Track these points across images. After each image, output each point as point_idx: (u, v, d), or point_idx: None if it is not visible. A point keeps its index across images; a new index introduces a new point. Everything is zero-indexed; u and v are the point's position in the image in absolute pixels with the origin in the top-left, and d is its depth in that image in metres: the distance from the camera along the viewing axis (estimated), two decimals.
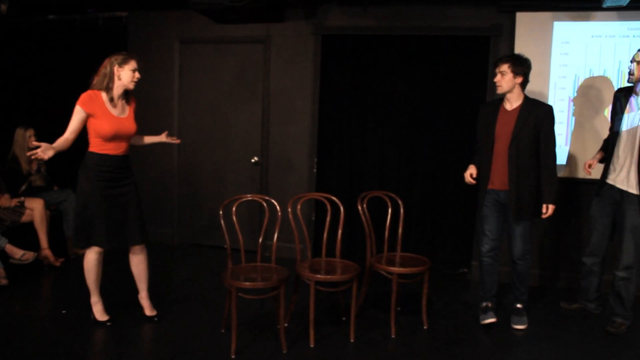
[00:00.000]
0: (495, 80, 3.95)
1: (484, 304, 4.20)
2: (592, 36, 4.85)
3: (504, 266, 4.50)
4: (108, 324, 3.90)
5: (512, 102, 3.96)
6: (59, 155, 3.68)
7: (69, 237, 5.48)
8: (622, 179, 4.05)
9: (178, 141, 4.27)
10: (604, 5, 4.30)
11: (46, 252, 5.19)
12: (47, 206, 5.31)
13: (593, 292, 4.44)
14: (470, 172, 4.14)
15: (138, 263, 4.01)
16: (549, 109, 3.94)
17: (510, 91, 3.93)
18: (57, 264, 5.19)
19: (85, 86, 3.75)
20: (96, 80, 3.72)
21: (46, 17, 6.33)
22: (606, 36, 4.83)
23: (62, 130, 3.87)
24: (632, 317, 4.15)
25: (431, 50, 5.34)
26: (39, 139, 5.49)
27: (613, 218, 4.20)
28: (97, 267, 3.86)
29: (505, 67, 3.88)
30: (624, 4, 4.21)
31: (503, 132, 3.95)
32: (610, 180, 4.13)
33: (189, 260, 5.73)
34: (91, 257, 3.82)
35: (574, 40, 4.89)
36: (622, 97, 4.10)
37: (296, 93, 5.72)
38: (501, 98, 4.04)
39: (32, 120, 5.70)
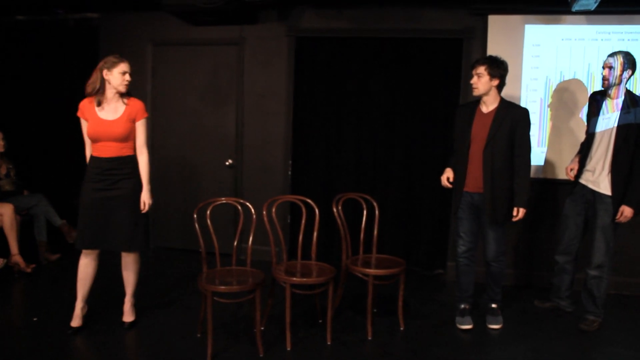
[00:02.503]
0: (472, 82, 3.97)
1: (462, 305, 4.24)
2: (562, 39, 4.94)
3: (480, 266, 4.54)
4: (69, 331, 3.82)
5: (488, 105, 3.99)
6: (29, 159, 3.63)
7: (40, 242, 5.39)
8: (594, 180, 4.12)
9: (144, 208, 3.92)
10: (573, 10, 4.37)
11: (17, 258, 5.09)
12: (17, 211, 5.20)
13: (565, 290, 4.51)
14: (447, 175, 4.17)
15: (124, 268, 3.99)
16: (525, 112, 3.97)
17: (486, 94, 3.95)
18: (28, 270, 5.09)
19: (54, 88, 3.71)
20: (89, 85, 3.73)
21: (14, 18, 6.21)
22: (576, 39, 4.92)
23: (29, 132, 3.82)
24: (604, 314, 4.23)
25: (405, 52, 5.38)
26: (8, 142, 5.42)
27: (585, 217, 4.28)
28: (84, 270, 3.85)
29: (482, 69, 3.89)
30: (592, 9, 4.30)
31: (479, 135, 3.97)
32: (583, 180, 4.21)
33: (164, 264, 5.67)
34: (81, 259, 3.84)
35: (545, 43, 4.97)
36: (597, 100, 4.18)
37: (271, 95, 5.70)
38: (478, 100, 4.06)
39: (1, 123, 5.58)
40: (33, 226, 5.43)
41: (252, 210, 3.94)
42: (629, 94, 4.04)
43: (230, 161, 5.87)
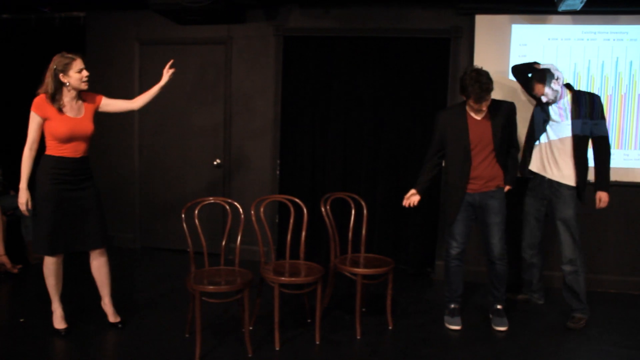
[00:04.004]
0: (484, 109, 3.91)
1: (452, 305, 4.24)
2: (549, 39, 4.97)
3: (470, 266, 4.57)
4: (62, 333, 3.79)
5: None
6: (16, 159, 3.60)
7: (28, 242, 5.35)
8: (552, 172, 4.25)
9: (171, 70, 4.13)
10: (559, 9, 4.40)
11: (3, 258, 5.04)
12: (4, 211, 5.16)
13: (536, 282, 4.65)
14: (414, 199, 4.16)
15: (98, 267, 3.92)
16: (513, 106, 4.05)
17: None
18: (15, 270, 5.05)
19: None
20: (43, 88, 3.62)
21: None
22: (562, 39, 4.95)
23: (14, 133, 3.78)
24: (589, 310, 4.26)
25: (392, 51, 5.39)
26: None
27: (545, 211, 4.40)
28: (56, 273, 3.76)
29: (490, 96, 3.86)
30: (578, 9, 4.33)
31: (480, 138, 3.96)
32: (547, 174, 4.30)
33: (151, 264, 5.65)
34: (49, 262, 3.72)
35: (532, 43, 5.00)
36: (547, 105, 4.26)
37: (258, 94, 5.69)
38: (460, 103, 4.06)
39: None
40: (20, 226, 5.39)
41: (240, 209, 3.93)
42: (570, 91, 4.21)
43: (218, 161, 5.86)
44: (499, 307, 4.22)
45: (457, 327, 4.14)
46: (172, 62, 4.13)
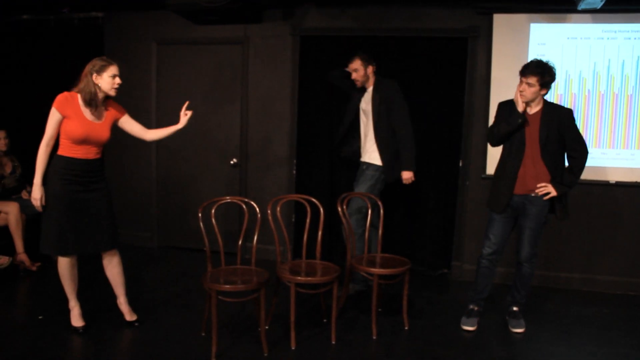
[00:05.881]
0: (520, 89, 3.76)
1: (471, 306, 4.20)
2: (568, 38, 4.92)
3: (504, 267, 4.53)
4: (80, 331, 3.82)
5: (533, 107, 3.85)
6: (33, 157, 3.64)
7: None
8: (367, 156, 4.70)
9: (189, 112, 4.00)
10: (579, 8, 4.36)
11: (22, 256, 5.10)
12: (23, 209, 5.21)
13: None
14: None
15: (111, 268, 3.94)
16: (570, 112, 3.86)
17: (532, 100, 3.83)
18: (34, 268, 5.10)
19: (59, 87, 3.69)
20: (81, 86, 3.65)
21: (20, 17, 6.23)
22: (581, 38, 4.90)
23: (34, 132, 3.82)
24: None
25: (409, 51, 5.36)
26: (12, 140, 5.43)
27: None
28: (71, 271, 3.79)
29: (533, 80, 3.71)
30: (598, 7, 4.28)
31: (529, 137, 3.85)
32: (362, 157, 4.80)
33: (168, 263, 5.68)
34: (63, 262, 3.75)
35: (550, 42, 4.95)
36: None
37: (275, 94, 5.70)
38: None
39: (4, 121, 5.60)
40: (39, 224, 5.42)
41: (257, 209, 3.94)
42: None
43: (234, 160, 5.88)
44: (515, 309, 4.18)
45: (470, 328, 4.10)
46: (188, 103, 4.04)
